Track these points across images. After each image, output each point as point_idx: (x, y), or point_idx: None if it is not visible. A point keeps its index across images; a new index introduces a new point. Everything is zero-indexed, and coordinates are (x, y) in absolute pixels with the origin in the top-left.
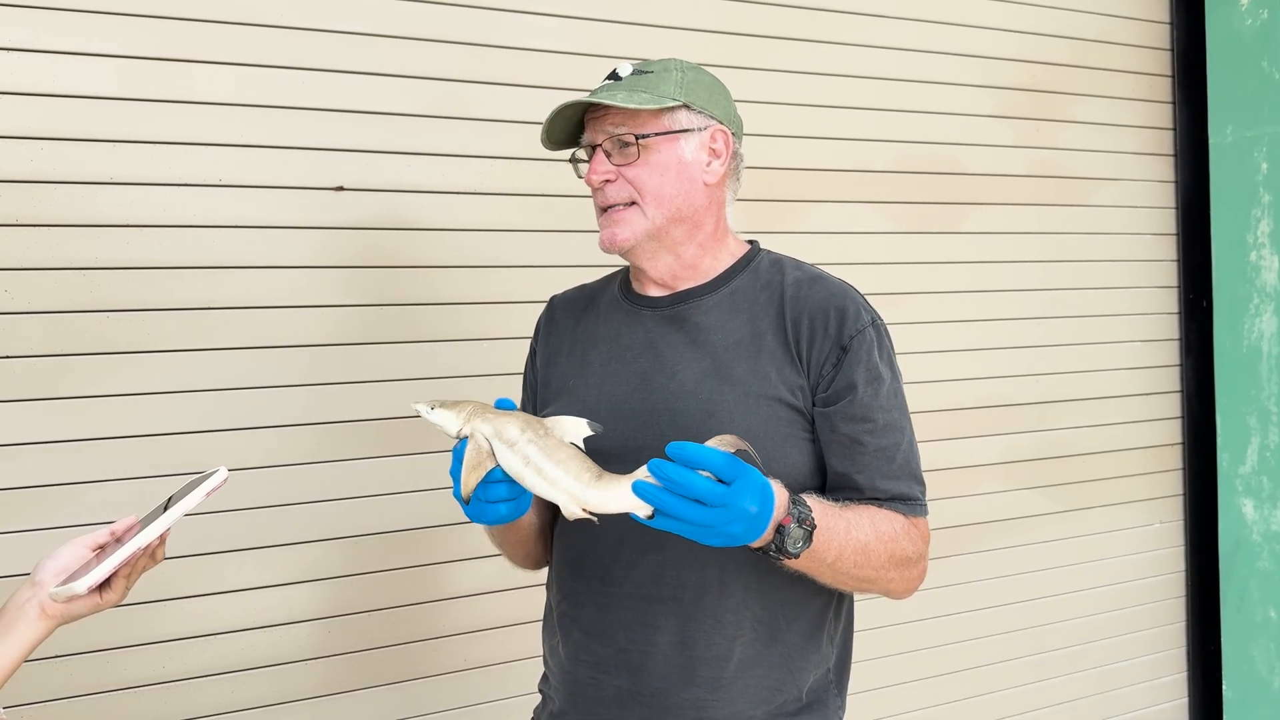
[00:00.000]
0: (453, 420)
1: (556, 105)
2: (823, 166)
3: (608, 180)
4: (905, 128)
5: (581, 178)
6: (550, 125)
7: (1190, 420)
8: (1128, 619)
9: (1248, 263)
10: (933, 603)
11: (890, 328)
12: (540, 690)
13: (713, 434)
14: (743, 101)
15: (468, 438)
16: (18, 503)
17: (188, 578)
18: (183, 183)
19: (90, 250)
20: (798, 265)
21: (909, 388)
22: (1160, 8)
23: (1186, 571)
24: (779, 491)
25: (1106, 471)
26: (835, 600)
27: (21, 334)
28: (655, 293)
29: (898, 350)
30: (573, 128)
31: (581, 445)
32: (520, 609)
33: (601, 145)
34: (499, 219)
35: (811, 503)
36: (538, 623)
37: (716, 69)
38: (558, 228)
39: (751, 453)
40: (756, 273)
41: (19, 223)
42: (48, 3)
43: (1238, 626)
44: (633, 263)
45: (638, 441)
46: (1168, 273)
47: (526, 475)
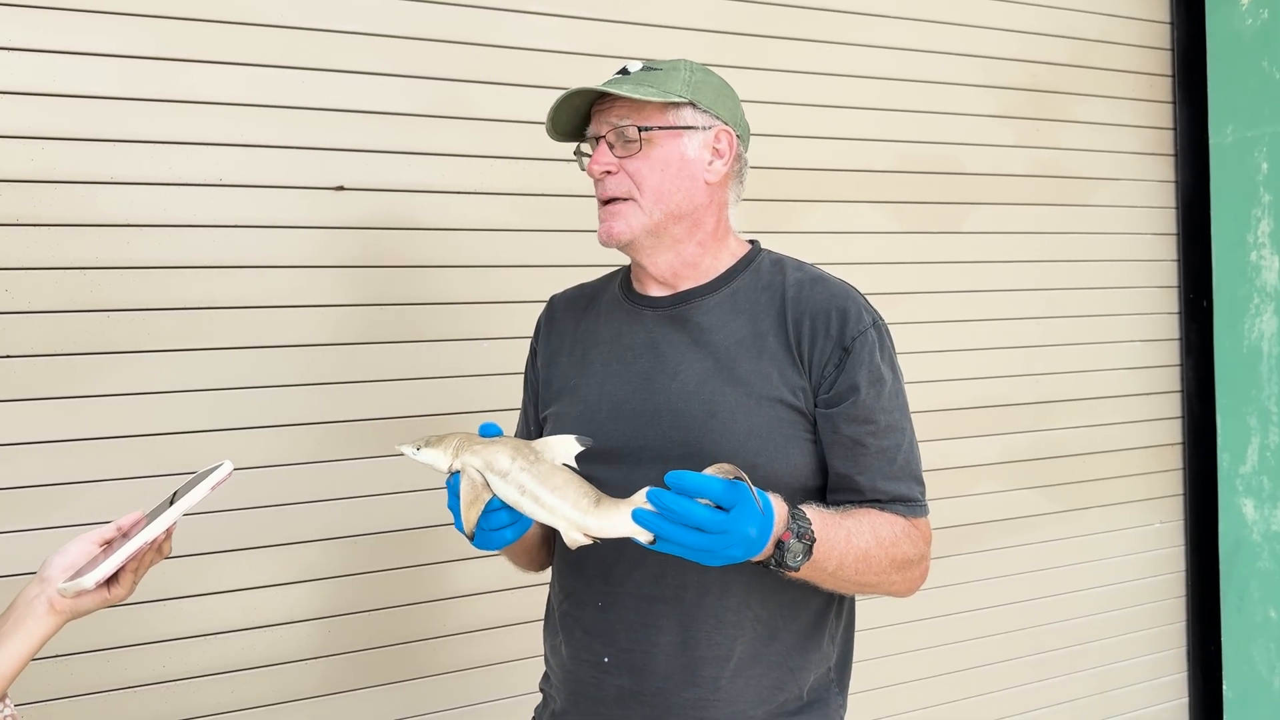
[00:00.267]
0: (441, 457)
1: (563, 93)
2: (824, 166)
3: (608, 171)
4: (906, 128)
5: (584, 170)
6: (556, 115)
7: (1190, 420)
8: (1127, 619)
9: (1248, 263)
10: (932, 603)
11: (891, 327)
12: (541, 689)
13: (715, 434)
14: (744, 101)
15: (459, 472)
16: (18, 503)
17: (187, 577)
18: (183, 182)
19: (90, 250)
20: (799, 265)
21: (909, 387)
22: (1160, 8)
23: (1187, 571)
24: (778, 506)
25: (1106, 471)
26: (836, 599)
27: (21, 334)
28: (656, 292)
29: (898, 350)
30: (579, 121)
31: (574, 464)
32: (520, 609)
33: (605, 137)
34: (499, 219)
35: (811, 514)
36: (538, 622)
37: (717, 69)
38: (558, 227)
39: (747, 481)
40: (758, 273)
41: (19, 222)
42: (48, 3)
43: (1238, 626)
44: (632, 259)
45: (639, 442)
46: (1168, 272)
47: (524, 504)
